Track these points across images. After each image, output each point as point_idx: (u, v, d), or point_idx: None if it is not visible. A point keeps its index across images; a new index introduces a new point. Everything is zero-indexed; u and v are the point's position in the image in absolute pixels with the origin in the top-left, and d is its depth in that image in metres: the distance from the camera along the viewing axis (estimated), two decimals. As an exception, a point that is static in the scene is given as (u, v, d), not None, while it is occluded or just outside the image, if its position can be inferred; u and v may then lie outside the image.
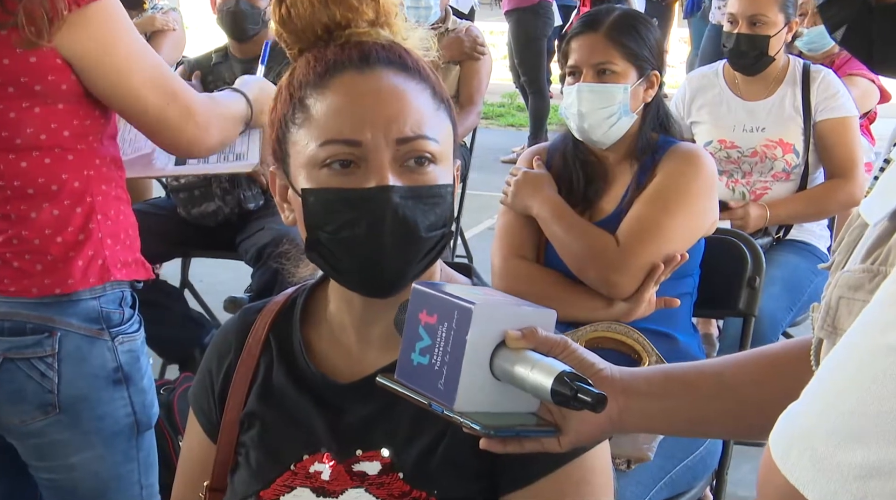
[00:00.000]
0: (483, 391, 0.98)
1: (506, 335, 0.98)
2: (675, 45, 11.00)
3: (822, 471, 0.65)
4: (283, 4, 1.16)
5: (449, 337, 0.97)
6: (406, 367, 1.00)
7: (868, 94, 3.83)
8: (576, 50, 2.28)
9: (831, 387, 0.68)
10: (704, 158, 2.24)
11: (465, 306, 0.96)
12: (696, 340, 2.31)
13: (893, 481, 0.62)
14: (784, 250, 3.15)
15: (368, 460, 1.17)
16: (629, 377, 1.05)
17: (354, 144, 1.09)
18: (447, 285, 1.04)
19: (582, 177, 2.30)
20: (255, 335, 1.27)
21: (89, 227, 1.68)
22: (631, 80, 2.24)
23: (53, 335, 1.66)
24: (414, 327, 1.00)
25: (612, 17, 2.26)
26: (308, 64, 1.15)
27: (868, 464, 0.63)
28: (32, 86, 1.58)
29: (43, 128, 1.62)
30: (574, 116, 2.26)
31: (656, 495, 2.09)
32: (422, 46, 1.21)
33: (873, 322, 0.68)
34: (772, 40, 3.09)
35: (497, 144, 7.76)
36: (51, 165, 1.64)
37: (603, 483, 1.17)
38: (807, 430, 0.67)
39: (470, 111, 4.27)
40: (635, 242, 2.15)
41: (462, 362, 0.95)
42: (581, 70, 2.26)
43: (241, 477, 1.24)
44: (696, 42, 8.37)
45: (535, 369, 0.96)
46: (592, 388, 0.93)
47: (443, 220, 1.13)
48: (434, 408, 0.97)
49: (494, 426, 0.97)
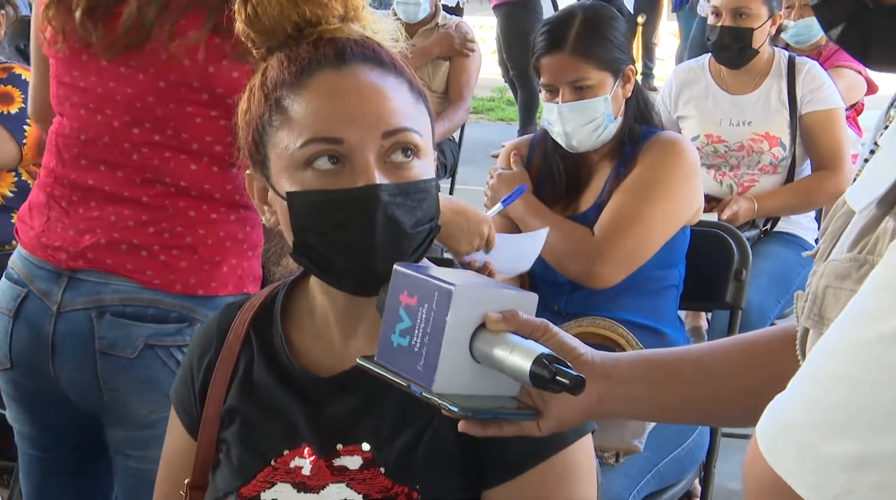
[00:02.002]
0: (462, 374, 0.97)
1: (486, 318, 0.98)
2: (664, 38, 11.01)
3: (809, 462, 0.65)
4: (248, 3, 1.14)
5: (429, 319, 0.96)
6: (386, 348, 1.00)
7: (855, 85, 3.84)
8: (547, 69, 2.22)
9: (818, 378, 0.68)
10: (685, 145, 2.24)
11: (445, 287, 0.95)
12: (682, 333, 2.31)
13: (879, 472, 0.62)
14: (772, 243, 3.15)
15: (349, 454, 1.16)
16: (610, 362, 1.05)
17: (336, 141, 1.08)
18: (429, 268, 1.03)
19: (564, 174, 2.29)
20: (235, 331, 1.27)
21: (239, 236, 1.72)
22: (608, 88, 2.20)
23: (193, 325, 1.69)
24: (394, 308, 0.99)
25: (575, 29, 2.18)
26: (281, 64, 1.13)
27: (854, 456, 0.63)
28: (225, 98, 1.61)
29: (220, 139, 1.66)
30: (560, 135, 2.24)
31: (644, 487, 2.09)
32: (390, 38, 1.20)
33: (861, 313, 0.67)
34: (755, 33, 3.09)
35: (487, 139, 7.75)
36: (217, 173, 1.69)
37: (586, 478, 1.17)
38: (793, 421, 0.67)
39: (459, 107, 4.28)
40: (613, 231, 2.15)
41: (442, 344, 0.95)
42: (557, 88, 2.21)
43: (221, 474, 1.23)
44: (686, 35, 8.38)
45: (514, 351, 0.95)
46: (571, 370, 0.93)
47: (429, 215, 1.13)
48: (413, 390, 0.97)
49: (473, 408, 0.96)
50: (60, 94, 1.74)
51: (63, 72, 1.72)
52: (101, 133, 1.69)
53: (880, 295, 0.66)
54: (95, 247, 1.69)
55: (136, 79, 1.65)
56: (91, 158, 1.71)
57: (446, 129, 4.22)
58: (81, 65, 1.69)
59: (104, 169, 1.70)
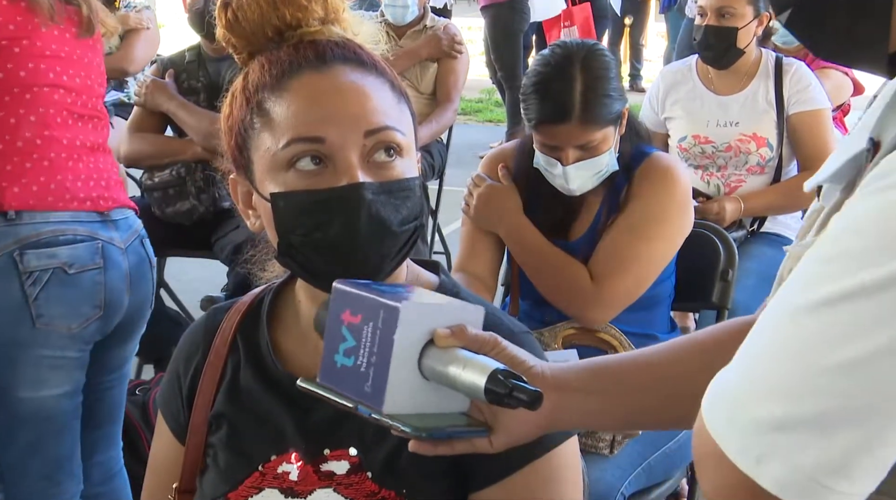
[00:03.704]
0: (412, 392, 0.95)
1: (434, 334, 0.96)
2: (652, 39, 11.04)
3: (737, 425, 0.68)
4: (228, 8, 1.13)
5: (375, 338, 0.93)
6: (329, 369, 0.97)
7: (841, 86, 3.85)
8: (550, 134, 2.12)
9: (754, 347, 0.72)
10: (677, 171, 2.17)
11: (391, 305, 0.93)
12: (675, 336, 2.31)
13: (800, 434, 0.66)
14: (759, 243, 3.16)
15: (336, 459, 1.16)
16: (560, 374, 1.04)
17: (318, 140, 1.08)
18: (370, 283, 1.01)
19: (555, 201, 2.21)
20: (222, 336, 1.26)
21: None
22: (612, 139, 2.13)
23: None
24: (336, 327, 0.97)
25: (578, 96, 2.06)
26: (263, 67, 1.13)
27: (777, 418, 0.66)
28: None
29: None
30: (562, 186, 2.16)
31: (635, 480, 2.10)
32: (372, 40, 1.19)
33: (792, 283, 0.71)
34: (740, 32, 3.09)
35: (475, 140, 7.76)
36: None
37: (572, 479, 1.17)
38: (730, 388, 0.71)
39: (447, 108, 4.27)
40: (611, 275, 2.11)
41: (390, 364, 0.92)
42: (561, 147, 2.12)
43: (209, 479, 1.23)
44: (674, 36, 8.39)
45: (466, 367, 0.93)
46: (528, 385, 0.91)
47: (414, 213, 1.12)
48: (361, 411, 0.94)
49: (426, 428, 0.93)
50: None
51: None
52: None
53: (810, 267, 0.70)
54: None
55: None
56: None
57: (434, 131, 4.21)
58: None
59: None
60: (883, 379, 0.64)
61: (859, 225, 0.67)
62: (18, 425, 2.03)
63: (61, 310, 1.99)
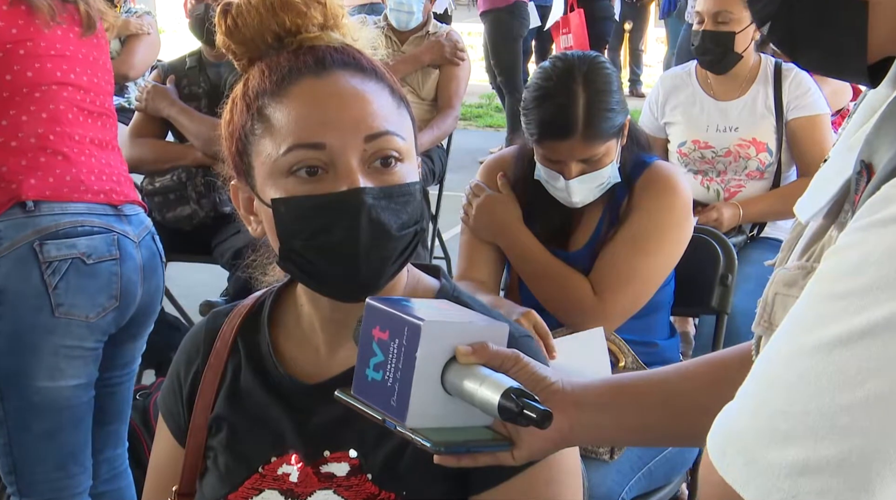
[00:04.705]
0: (435, 407, 0.98)
1: (456, 351, 0.98)
2: (651, 44, 11.05)
3: (755, 470, 0.66)
4: (228, 15, 1.14)
5: (400, 353, 0.96)
6: (361, 382, 1.00)
7: (840, 91, 3.86)
8: (553, 150, 2.11)
9: (761, 386, 0.69)
10: (678, 183, 2.17)
11: (414, 322, 0.96)
12: (675, 342, 2.31)
13: (822, 478, 0.63)
14: (758, 248, 3.16)
15: (336, 461, 1.16)
16: (580, 390, 1.05)
17: (319, 146, 1.08)
18: (402, 300, 1.03)
19: (555, 211, 2.20)
20: (222, 339, 1.27)
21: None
22: (614, 151, 2.12)
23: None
24: (368, 342, 1.00)
25: (581, 112, 2.05)
26: (262, 73, 1.14)
27: (797, 462, 0.64)
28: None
29: None
30: (564, 198, 2.16)
31: (635, 485, 2.10)
32: (370, 46, 1.20)
33: (798, 321, 0.68)
34: (738, 37, 3.09)
35: (475, 145, 7.77)
36: None
37: (572, 484, 1.17)
38: (740, 429, 0.68)
39: (448, 114, 4.28)
40: (613, 290, 2.11)
41: (413, 379, 0.95)
42: (564, 161, 2.11)
43: (209, 481, 1.23)
44: (673, 42, 8.40)
45: (483, 385, 0.95)
46: (538, 404, 0.93)
47: (414, 218, 1.13)
48: (388, 424, 0.97)
49: (445, 442, 0.96)
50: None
51: None
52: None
53: (817, 304, 0.68)
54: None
55: None
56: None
57: (435, 137, 4.22)
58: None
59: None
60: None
61: (869, 259, 0.65)
62: (35, 414, 2.06)
63: (80, 299, 2.04)
